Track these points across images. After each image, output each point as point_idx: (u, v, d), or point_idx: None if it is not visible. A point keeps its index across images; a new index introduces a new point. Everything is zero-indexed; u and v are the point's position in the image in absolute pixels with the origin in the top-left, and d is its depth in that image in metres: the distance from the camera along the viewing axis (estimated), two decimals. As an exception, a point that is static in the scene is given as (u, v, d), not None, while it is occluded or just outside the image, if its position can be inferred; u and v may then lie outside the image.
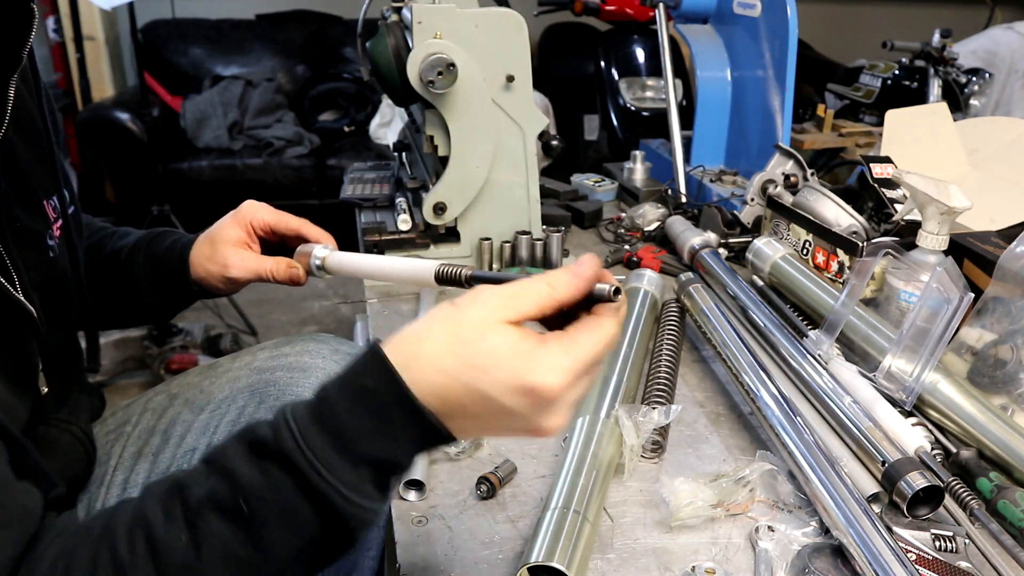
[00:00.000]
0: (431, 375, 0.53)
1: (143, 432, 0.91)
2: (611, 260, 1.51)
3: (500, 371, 0.52)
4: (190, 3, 4.07)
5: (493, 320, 0.53)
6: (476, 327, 0.53)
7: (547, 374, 0.52)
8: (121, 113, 3.31)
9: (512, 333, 0.53)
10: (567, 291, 0.56)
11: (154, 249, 0.97)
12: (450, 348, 0.53)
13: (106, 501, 0.85)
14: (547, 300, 0.55)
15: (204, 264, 0.93)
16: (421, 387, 0.53)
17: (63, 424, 0.79)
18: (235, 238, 0.94)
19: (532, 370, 0.52)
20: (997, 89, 3.07)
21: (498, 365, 0.52)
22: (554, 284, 0.56)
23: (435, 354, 0.53)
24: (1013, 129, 1.68)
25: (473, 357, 0.52)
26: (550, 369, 0.52)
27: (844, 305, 1.02)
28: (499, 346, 0.53)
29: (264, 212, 0.95)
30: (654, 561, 0.77)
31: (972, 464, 0.85)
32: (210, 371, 0.94)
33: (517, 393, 0.52)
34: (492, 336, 0.53)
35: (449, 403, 0.53)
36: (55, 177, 0.83)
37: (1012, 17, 3.77)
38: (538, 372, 0.52)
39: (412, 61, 1.24)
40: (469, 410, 0.53)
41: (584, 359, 0.54)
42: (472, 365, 0.52)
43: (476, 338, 0.53)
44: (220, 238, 0.94)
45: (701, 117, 1.86)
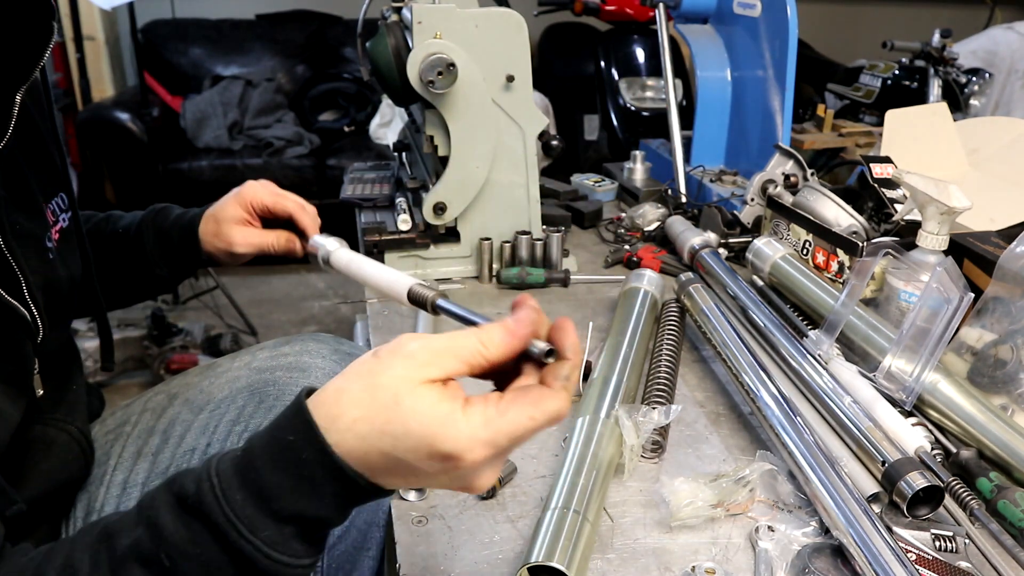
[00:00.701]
0: (350, 440, 0.51)
1: (143, 432, 0.91)
2: (611, 260, 1.51)
3: (414, 438, 0.50)
4: (190, 3, 4.07)
5: (412, 380, 0.51)
6: (392, 389, 0.51)
7: (462, 445, 0.50)
8: (121, 113, 3.31)
9: (429, 396, 0.50)
10: (498, 351, 0.53)
11: (160, 225, 1.02)
12: (365, 413, 0.51)
13: (105, 501, 0.85)
14: (476, 359, 0.53)
15: (211, 240, 1.00)
16: (342, 449, 0.51)
17: (59, 424, 0.79)
18: (237, 217, 0.99)
19: (447, 439, 0.50)
20: (997, 89, 3.07)
21: (410, 432, 0.50)
22: (486, 342, 0.53)
23: (352, 418, 0.51)
24: (1013, 129, 1.68)
25: (387, 424, 0.50)
26: (467, 440, 0.50)
27: (844, 305, 1.02)
28: (414, 411, 0.50)
29: (264, 194, 0.99)
30: (654, 561, 0.77)
31: (972, 464, 0.85)
32: (210, 371, 0.95)
33: (433, 459, 0.50)
34: (407, 399, 0.50)
35: (371, 465, 0.52)
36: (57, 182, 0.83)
37: (1012, 17, 3.77)
38: (453, 442, 0.50)
39: (412, 61, 1.24)
40: (392, 471, 0.52)
41: (509, 435, 0.51)
42: (385, 432, 0.50)
43: (391, 403, 0.50)
44: (223, 217, 0.99)
45: (701, 117, 1.86)
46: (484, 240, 1.40)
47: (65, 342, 0.85)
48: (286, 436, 0.52)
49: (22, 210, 0.76)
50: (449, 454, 0.50)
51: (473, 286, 1.42)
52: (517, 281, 1.39)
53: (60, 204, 0.84)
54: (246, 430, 0.85)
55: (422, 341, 0.52)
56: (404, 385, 0.50)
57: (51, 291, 0.78)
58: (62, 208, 0.84)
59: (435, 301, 0.65)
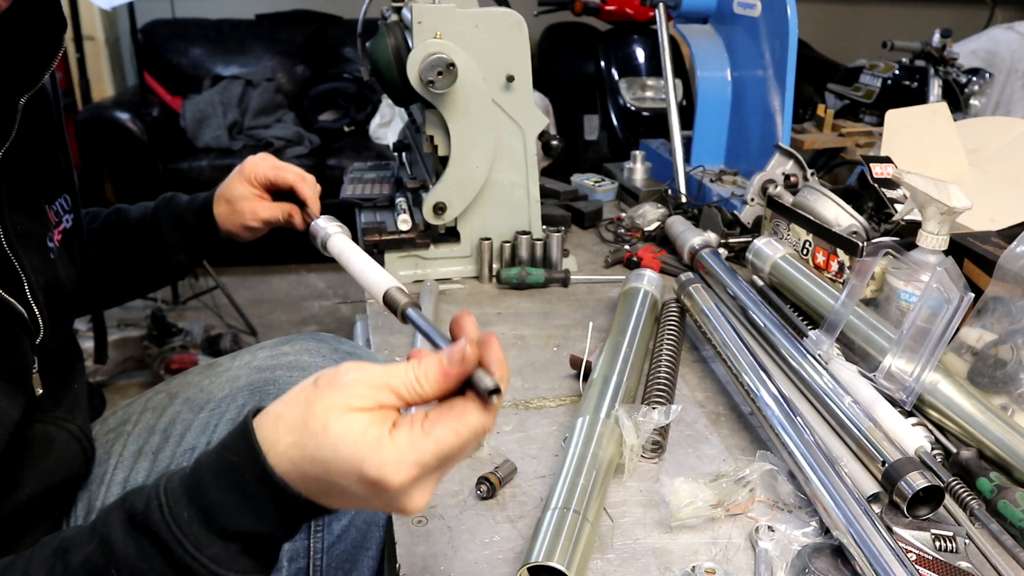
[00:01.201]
0: (285, 464, 0.52)
1: (143, 431, 0.91)
2: (611, 260, 1.51)
3: (342, 464, 0.51)
4: (190, 3, 4.07)
5: (343, 408, 0.51)
6: (323, 416, 0.51)
7: (389, 468, 0.50)
8: (121, 113, 3.31)
9: (358, 422, 0.51)
10: (432, 389, 0.54)
11: (174, 212, 1.05)
12: (298, 439, 0.52)
13: (106, 499, 0.85)
14: (410, 394, 0.53)
15: (226, 220, 1.03)
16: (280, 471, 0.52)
17: (60, 421, 0.79)
18: (247, 194, 1.01)
19: (373, 463, 0.50)
20: (997, 89, 3.07)
21: (339, 458, 0.51)
22: (422, 379, 0.54)
23: (287, 443, 0.52)
24: (1013, 129, 1.68)
25: (316, 450, 0.51)
26: (394, 463, 0.51)
27: (844, 305, 1.02)
28: (343, 436, 0.51)
29: (264, 167, 1.01)
30: (654, 561, 0.77)
31: (972, 464, 0.85)
32: (210, 370, 0.95)
33: (361, 483, 0.51)
34: (336, 426, 0.51)
35: (308, 488, 0.53)
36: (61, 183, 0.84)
37: (1012, 17, 3.77)
38: (379, 465, 0.50)
39: (412, 61, 1.24)
40: (329, 493, 0.53)
41: (436, 453, 0.52)
42: (315, 458, 0.51)
43: (320, 430, 0.51)
44: (233, 196, 1.02)
45: (701, 117, 1.86)
46: (484, 240, 1.40)
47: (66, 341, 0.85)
48: (231, 456, 0.54)
49: (23, 211, 0.76)
50: (376, 479, 0.50)
51: (473, 286, 1.42)
52: (517, 281, 1.39)
53: (64, 205, 0.85)
54: (246, 429, 0.86)
55: (359, 373, 0.53)
56: (334, 413, 0.51)
57: (53, 291, 0.78)
58: (65, 209, 0.85)
59: (405, 310, 0.65)
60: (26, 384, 0.74)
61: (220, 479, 0.53)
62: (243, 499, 0.53)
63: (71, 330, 0.88)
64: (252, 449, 0.53)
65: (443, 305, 1.34)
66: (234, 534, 0.53)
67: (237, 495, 0.53)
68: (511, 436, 0.97)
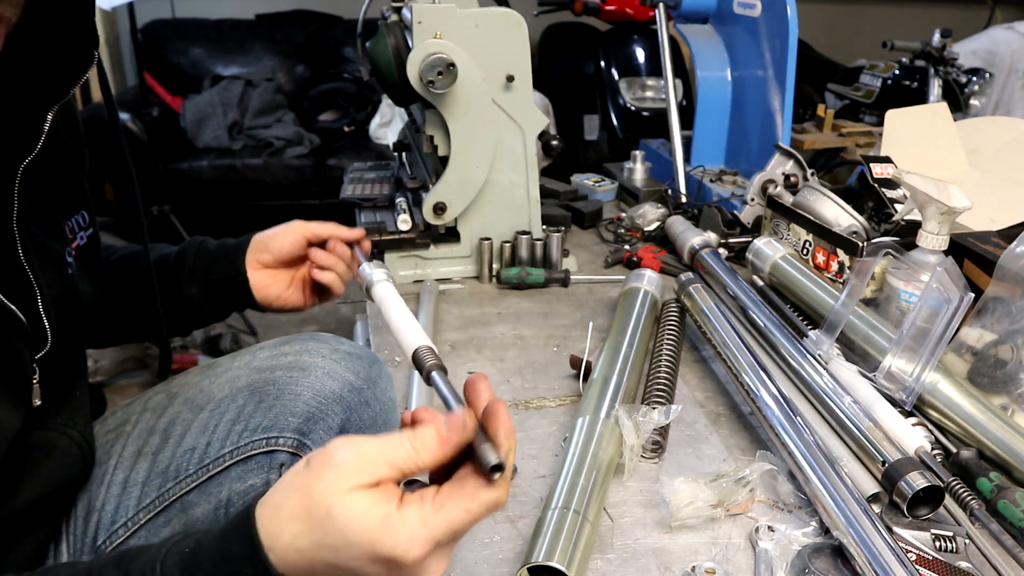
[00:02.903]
0: (292, 555, 0.52)
1: (143, 431, 0.91)
2: (611, 260, 1.51)
3: (354, 547, 0.50)
4: (190, 3, 4.07)
5: (343, 489, 0.51)
6: (325, 501, 0.51)
7: (403, 546, 0.50)
8: (121, 113, 3.31)
9: (362, 503, 0.51)
10: (431, 459, 0.53)
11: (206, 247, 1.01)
12: (303, 528, 0.51)
13: (106, 500, 0.85)
14: (408, 465, 0.53)
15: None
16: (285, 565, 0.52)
17: (61, 428, 0.79)
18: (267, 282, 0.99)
19: (384, 543, 0.50)
20: (997, 89, 3.07)
21: (350, 542, 0.50)
22: (419, 448, 0.53)
23: (292, 534, 0.51)
24: (1013, 129, 1.68)
25: (325, 536, 0.51)
26: (407, 540, 0.50)
27: (844, 305, 1.02)
28: (348, 520, 0.50)
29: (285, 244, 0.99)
30: (654, 561, 0.77)
31: (972, 464, 0.85)
32: (210, 370, 0.94)
33: (377, 564, 0.51)
34: (340, 509, 0.50)
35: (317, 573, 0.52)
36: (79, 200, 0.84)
37: (1012, 17, 3.77)
38: (392, 544, 0.50)
39: (412, 61, 1.24)
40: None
41: (447, 530, 0.51)
42: (324, 545, 0.51)
43: (325, 516, 0.51)
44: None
45: (701, 117, 1.86)
46: (484, 240, 1.40)
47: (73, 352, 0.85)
48: (231, 547, 0.53)
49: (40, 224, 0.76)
50: (390, 558, 0.50)
51: (473, 286, 1.42)
52: (517, 281, 1.39)
53: (80, 222, 0.84)
54: (246, 429, 0.85)
55: (352, 448, 0.52)
56: (335, 496, 0.51)
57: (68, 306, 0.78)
58: (81, 226, 0.85)
59: (430, 372, 0.65)
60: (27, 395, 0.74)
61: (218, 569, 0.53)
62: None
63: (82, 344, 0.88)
64: (252, 545, 0.52)
65: (443, 305, 1.34)
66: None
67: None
68: (511, 436, 0.97)
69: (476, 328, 1.26)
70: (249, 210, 3.57)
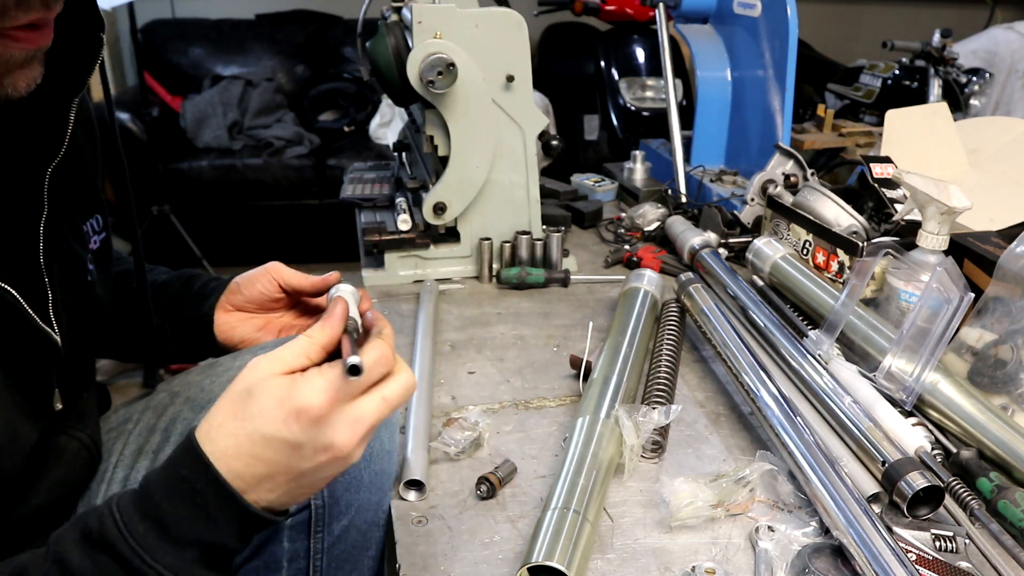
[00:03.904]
0: (222, 442, 0.57)
1: (144, 430, 0.91)
2: (611, 260, 1.51)
3: (268, 410, 0.56)
4: (190, 3, 4.07)
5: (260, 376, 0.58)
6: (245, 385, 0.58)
7: (307, 393, 0.56)
8: (121, 113, 3.31)
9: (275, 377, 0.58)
10: (324, 336, 0.61)
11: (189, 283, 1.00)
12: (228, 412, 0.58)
13: (106, 498, 0.85)
14: (310, 347, 0.60)
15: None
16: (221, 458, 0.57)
17: (71, 431, 0.79)
18: None
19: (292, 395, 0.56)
20: (997, 89, 3.07)
21: (264, 406, 0.57)
22: (311, 333, 0.61)
23: (219, 422, 0.58)
24: (1013, 129, 1.68)
25: (245, 409, 0.57)
26: (310, 389, 0.56)
27: (844, 305, 1.02)
28: (264, 390, 0.57)
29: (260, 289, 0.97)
30: (654, 561, 0.77)
31: (972, 464, 0.85)
32: (211, 370, 0.94)
33: (288, 420, 0.56)
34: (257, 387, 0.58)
35: (248, 462, 0.57)
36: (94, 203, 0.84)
37: (1012, 17, 3.77)
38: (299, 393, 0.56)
39: (412, 61, 1.24)
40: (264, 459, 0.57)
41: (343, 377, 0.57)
42: (246, 418, 0.57)
43: (245, 395, 0.58)
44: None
45: (701, 117, 1.86)
46: (484, 240, 1.40)
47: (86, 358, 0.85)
48: (180, 471, 0.58)
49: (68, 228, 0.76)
50: (298, 406, 0.56)
51: (473, 286, 1.42)
52: (517, 281, 1.39)
53: (95, 225, 0.84)
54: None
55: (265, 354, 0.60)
56: (253, 380, 0.58)
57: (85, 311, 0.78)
58: (96, 230, 0.84)
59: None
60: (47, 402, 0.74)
61: (172, 492, 0.57)
62: (196, 509, 0.56)
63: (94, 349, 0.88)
64: (201, 461, 0.57)
65: (443, 305, 1.34)
66: (189, 542, 0.56)
67: (189, 505, 0.56)
68: (511, 436, 0.97)
69: (476, 328, 1.26)
70: (249, 210, 3.56)
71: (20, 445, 0.69)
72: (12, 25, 0.58)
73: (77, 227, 0.79)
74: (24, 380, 0.69)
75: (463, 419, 0.95)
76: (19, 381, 0.68)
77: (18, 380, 0.68)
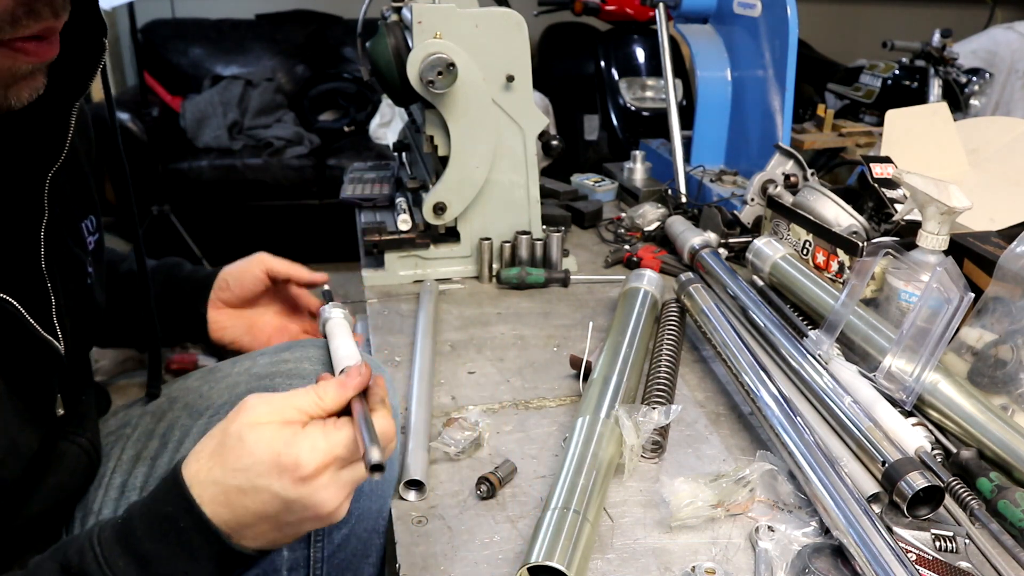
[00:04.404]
0: (210, 488, 0.57)
1: (142, 435, 0.90)
2: (611, 260, 1.51)
3: (260, 463, 0.56)
4: (190, 3, 4.07)
5: (254, 423, 0.57)
6: (237, 433, 0.57)
7: (305, 453, 0.55)
8: (121, 113, 3.31)
9: (270, 427, 0.57)
10: (333, 402, 0.60)
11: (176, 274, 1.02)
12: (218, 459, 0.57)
13: (104, 503, 0.85)
14: (313, 408, 0.59)
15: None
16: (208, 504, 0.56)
17: (71, 436, 0.79)
18: None
19: (289, 451, 0.56)
20: (997, 89, 3.07)
21: (257, 459, 0.56)
22: (322, 395, 0.60)
23: (208, 467, 0.57)
24: (1013, 129, 1.68)
25: (236, 460, 0.56)
26: (309, 449, 0.56)
27: (844, 305, 1.02)
28: (257, 440, 0.56)
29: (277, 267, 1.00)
30: (654, 561, 0.77)
31: (972, 464, 0.85)
32: (210, 375, 0.94)
33: (279, 473, 0.56)
34: (250, 436, 0.56)
35: (235, 510, 0.56)
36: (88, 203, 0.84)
37: (1012, 17, 3.77)
38: (296, 451, 0.55)
39: (412, 61, 1.24)
40: (251, 510, 0.57)
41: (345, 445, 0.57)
42: (236, 468, 0.56)
43: (236, 443, 0.57)
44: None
45: (701, 117, 1.85)
46: (484, 240, 1.40)
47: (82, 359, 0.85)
48: (164, 508, 0.57)
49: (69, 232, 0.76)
50: (293, 464, 0.55)
51: (473, 286, 1.42)
52: (517, 281, 1.39)
53: (89, 226, 0.84)
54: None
55: (264, 398, 0.59)
56: (247, 428, 0.57)
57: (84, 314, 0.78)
58: (90, 231, 0.84)
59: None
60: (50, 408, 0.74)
61: (154, 528, 0.56)
62: (178, 547, 0.56)
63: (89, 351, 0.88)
64: (185, 499, 0.56)
65: (443, 305, 1.34)
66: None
67: (172, 543, 0.56)
68: (511, 436, 0.97)
69: (476, 328, 1.26)
70: (249, 210, 3.57)
71: (21, 454, 0.69)
72: (21, 35, 0.57)
73: (77, 230, 0.79)
74: (26, 388, 0.69)
75: (463, 419, 0.95)
76: (21, 389, 0.68)
77: (20, 388, 0.68)
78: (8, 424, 0.66)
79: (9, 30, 0.57)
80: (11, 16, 0.56)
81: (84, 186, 0.83)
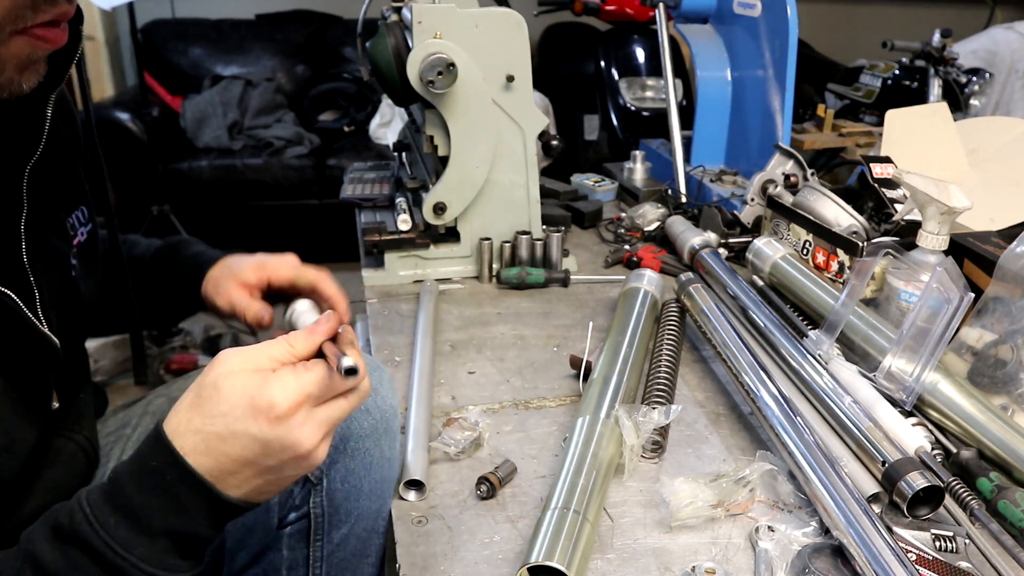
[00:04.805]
0: (191, 438, 0.57)
1: (142, 435, 0.90)
2: (611, 260, 1.51)
3: (236, 407, 0.57)
4: (190, 3, 4.07)
5: (228, 373, 0.58)
6: (212, 381, 0.58)
7: (278, 394, 0.56)
8: (121, 113, 3.31)
9: (243, 374, 0.58)
10: (305, 347, 0.61)
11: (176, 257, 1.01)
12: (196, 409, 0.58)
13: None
14: (285, 355, 0.60)
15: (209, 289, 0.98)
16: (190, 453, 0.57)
17: (67, 433, 0.79)
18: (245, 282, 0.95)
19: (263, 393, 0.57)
20: (997, 89, 3.07)
21: (233, 403, 0.57)
22: (293, 342, 0.61)
23: (187, 418, 0.58)
24: (1013, 129, 1.68)
25: (213, 407, 0.57)
26: (281, 389, 0.57)
27: (844, 305, 1.02)
28: (232, 386, 0.57)
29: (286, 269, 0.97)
30: (654, 561, 0.77)
31: (972, 464, 0.85)
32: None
33: (254, 415, 0.56)
34: (224, 383, 0.57)
35: (217, 458, 0.57)
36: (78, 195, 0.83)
37: (1012, 17, 3.77)
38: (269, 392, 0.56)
39: (412, 61, 1.24)
40: (232, 455, 0.57)
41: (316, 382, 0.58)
42: (214, 415, 0.57)
43: (212, 391, 0.58)
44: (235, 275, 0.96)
45: (701, 117, 1.85)
46: (484, 240, 1.40)
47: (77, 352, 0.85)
48: (149, 463, 0.58)
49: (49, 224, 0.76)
50: (267, 405, 0.56)
51: (473, 286, 1.42)
52: (517, 281, 1.39)
53: (80, 218, 0.83)
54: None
55: (236, 351, 0.60)
56: (221, 377, 0.58)
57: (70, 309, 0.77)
58: (81, 222, 0.84)
59: None
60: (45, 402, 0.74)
61: (142, 483, 0.57)
62: (167, 499, 0.56)
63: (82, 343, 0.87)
64: (170, 453, 0.57)
65: (443, 305, 1.34)
66: (160, 532, 0.57)
67: (160, 496, 0.56)
68: (511, 436, 0.97)
69: (476, 328, 1.26)
70: (249, 210, 3.56)
71: (18, 449, 0.69)
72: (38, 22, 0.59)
73: (59, 223, 0.78)
74: (22, 382, 0.69)
75: (463, 419, 0.95)
76: (16, 383, 0.68)
77: (15, 382, 0.68)
78: (4, 419, 0.66)
79: (31, 16, 0.59)
80: (32, 3, 0.58)
81: (71, 178, 0.83)
